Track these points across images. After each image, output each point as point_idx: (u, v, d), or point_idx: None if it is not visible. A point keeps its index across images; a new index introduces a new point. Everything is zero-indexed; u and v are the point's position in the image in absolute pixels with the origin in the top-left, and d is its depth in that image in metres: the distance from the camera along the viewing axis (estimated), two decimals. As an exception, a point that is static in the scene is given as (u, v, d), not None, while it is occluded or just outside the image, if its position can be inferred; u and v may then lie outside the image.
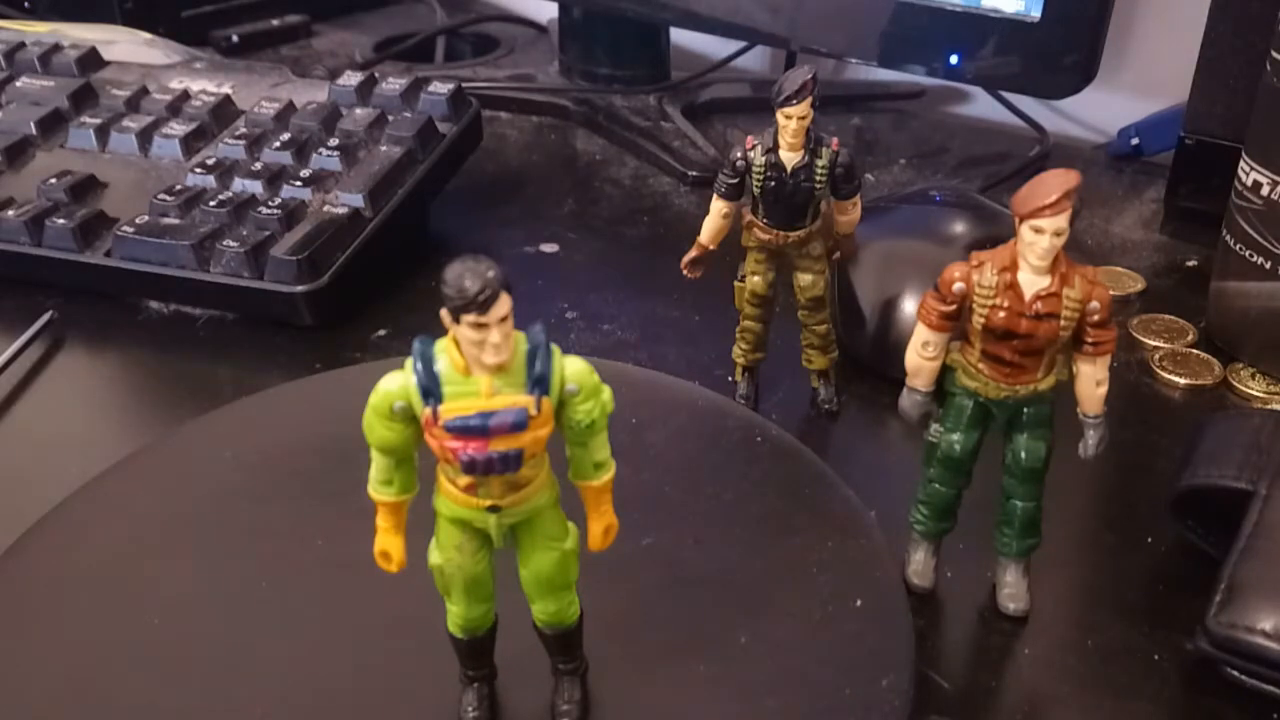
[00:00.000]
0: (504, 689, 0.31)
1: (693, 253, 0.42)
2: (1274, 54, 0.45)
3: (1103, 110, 0.71)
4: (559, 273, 0.56)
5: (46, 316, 0.49)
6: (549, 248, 0.58)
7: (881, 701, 0.30)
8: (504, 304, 0.23)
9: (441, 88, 0.59)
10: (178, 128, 0.58)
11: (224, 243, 0.49)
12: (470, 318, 0.23)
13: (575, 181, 0.66)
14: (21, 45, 0.64)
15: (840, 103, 0.77)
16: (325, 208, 0.52)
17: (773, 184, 0.39)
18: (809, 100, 0.37)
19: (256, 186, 0.53)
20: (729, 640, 0.32)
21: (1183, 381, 0.48)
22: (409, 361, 0.25)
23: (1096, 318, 0.31)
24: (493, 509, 0.26)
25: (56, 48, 0.64)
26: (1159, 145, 0.67)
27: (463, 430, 0.25)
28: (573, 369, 0.26)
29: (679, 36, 0.79)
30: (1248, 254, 0.47)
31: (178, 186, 0.53)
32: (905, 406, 0.34)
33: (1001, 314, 0.31)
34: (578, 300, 0.53)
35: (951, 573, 0.37)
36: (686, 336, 0.50)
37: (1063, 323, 0.31)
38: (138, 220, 0.51)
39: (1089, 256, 0.58)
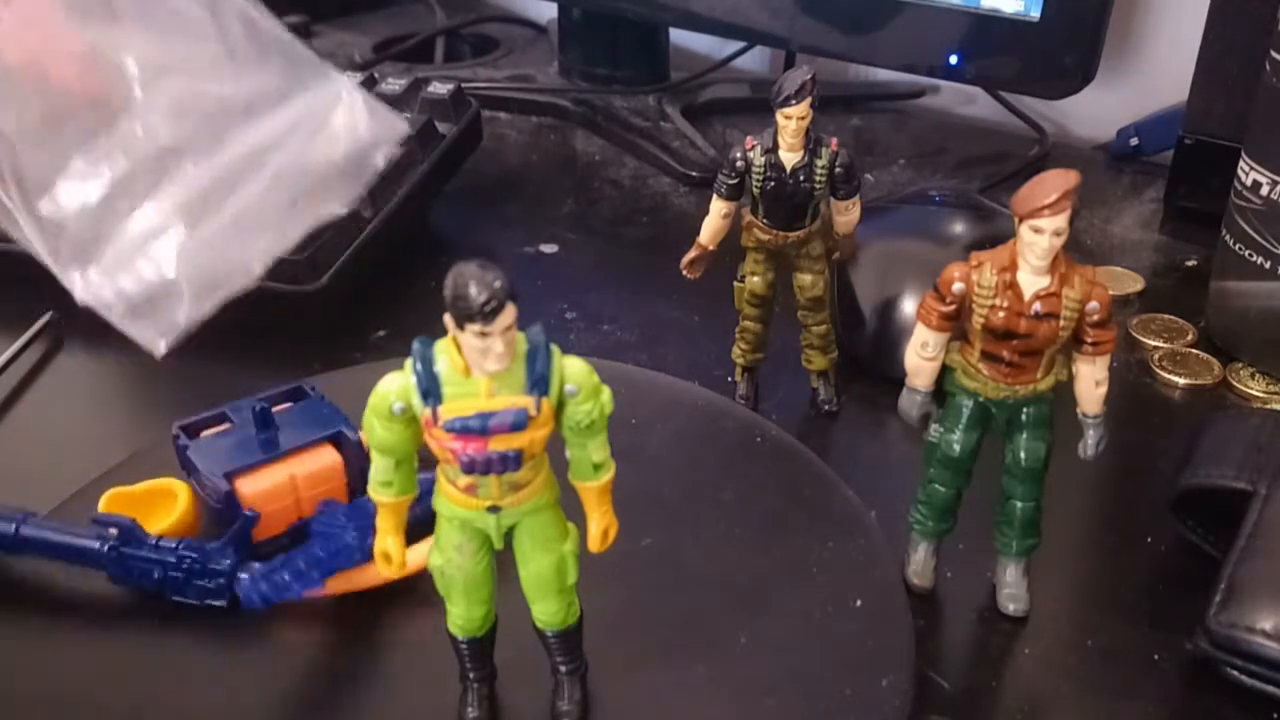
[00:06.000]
0: (504, 689, 0.31)
1: (692, 253, 0.42)
2: (1274, 54, 0.45)
3: (1103, 110, 0.71)
4: (559, 273, 0.56)
5: (46, 317, 0.49)
6: (549, 248, 0.58)
7: (881, 701, 0.30)
8: (509, 314, 0.23)
9: (441, 88, 0.59)
10: (178, 128, 0.57)
11: (224, 243, 0.49)
12: (475, 327, 0.23)
13: (575, 182, 0.66)
14: (21, 46, 0.64)
15: (840, 103, 0.77)
16: (325, 208, 0.52)
17: (772, 184, 0.39)
18: (809, 100, 0.37)
19: (256, 187, 0.53)
20: (729, 640, 0.32)
21: (1183, 381, 0.48)
22: (409, 362, 0.25)
23: (1096, 318, 0.31)
24: (493, 509, 0.27)
25: (56, 48, 0.64)
26: (1159, 145, 0.67)
27: (462, 431, 0.25)
28: (572, 369, 0.26)
29: (679, 36, 0.79)
30: (1247, 254, 0.47)
31: (178, 187, 0.53)
32: (905, 406, 0.34)
33: (1001, 314, 0.31)
34: (578, 300, 0.53)
35: (951, 573, 0.37)
36: (686, 336, 0.50)
37: (1062, 323, 0.31)
38: (138, 221, 0.51)
39: (1089, 256, 0.58)
